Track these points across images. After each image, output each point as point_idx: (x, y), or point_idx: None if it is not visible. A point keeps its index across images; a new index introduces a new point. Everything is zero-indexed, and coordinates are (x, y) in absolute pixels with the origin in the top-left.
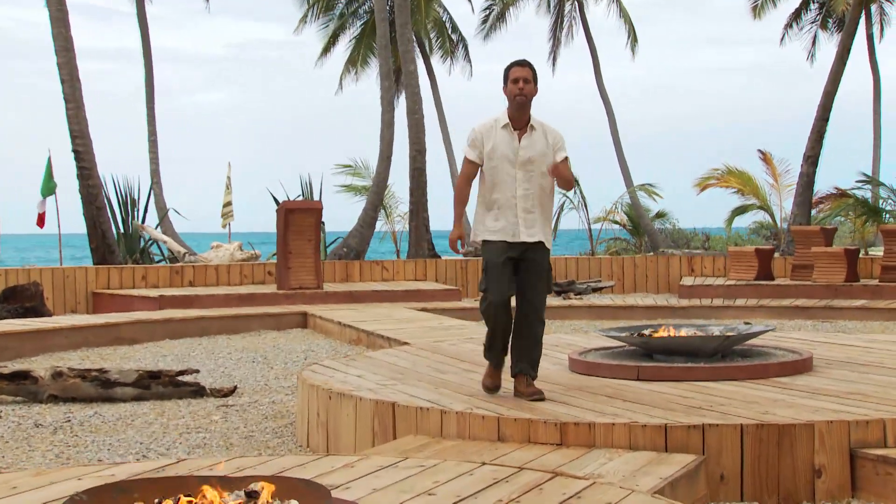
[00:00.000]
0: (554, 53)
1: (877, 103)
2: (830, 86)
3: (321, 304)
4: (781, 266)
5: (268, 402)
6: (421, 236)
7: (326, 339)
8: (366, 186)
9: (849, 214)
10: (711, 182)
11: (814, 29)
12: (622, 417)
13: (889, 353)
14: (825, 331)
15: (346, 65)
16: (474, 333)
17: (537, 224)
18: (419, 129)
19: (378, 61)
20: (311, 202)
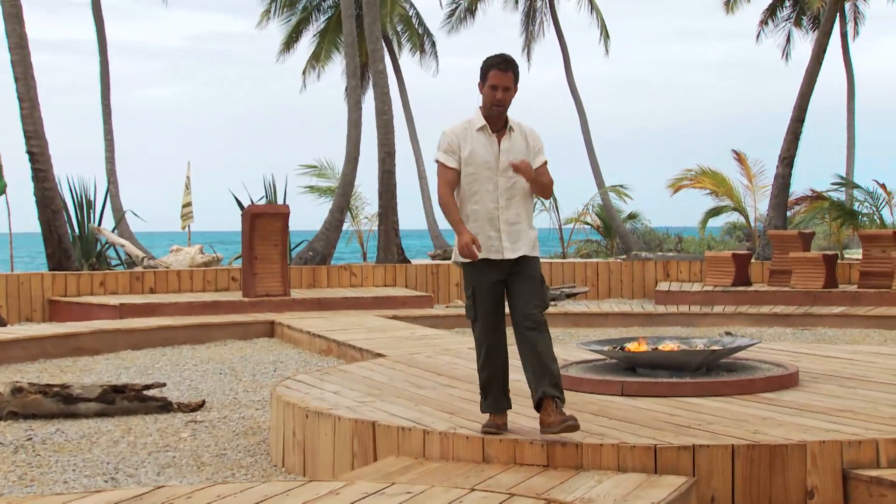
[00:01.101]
0: (528, 49)
1: (850, 102)
2: (806, 86)
3: (288, 312)
4: (759, 271)
5: (238, 417)
6: (390, 240)
7: (295, 349)
8: (331, 188)
9: (825, 217)
10: (685, 183)
11: (788, 26)
12: (609, 437)
13: (874, 366)
14: (806, 339)
15: (310, 60)
16: (449, 344)
17: (522, 237)
18: (388, 130)
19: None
20: (277, 206)
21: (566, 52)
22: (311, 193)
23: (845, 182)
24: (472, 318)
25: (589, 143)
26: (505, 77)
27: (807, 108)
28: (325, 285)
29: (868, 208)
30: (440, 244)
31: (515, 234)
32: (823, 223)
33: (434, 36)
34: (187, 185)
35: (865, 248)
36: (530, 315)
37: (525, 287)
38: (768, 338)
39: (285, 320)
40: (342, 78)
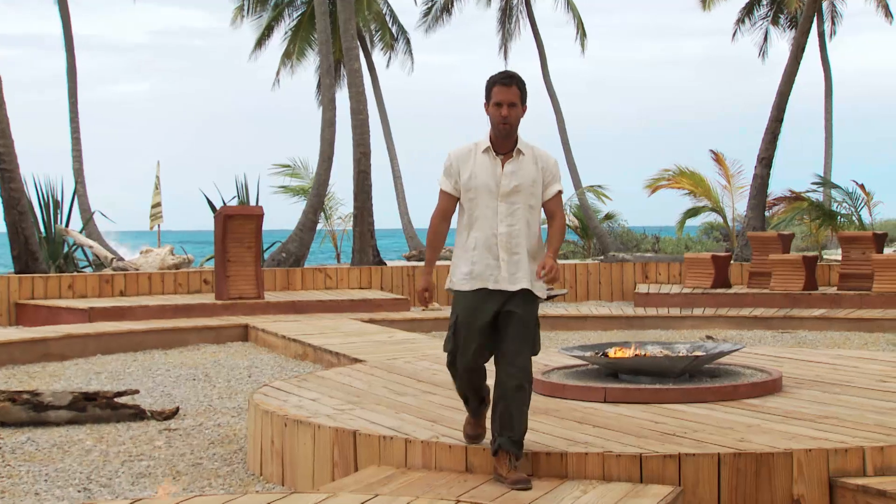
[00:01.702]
0: (504, 46)
1: (828, 101)
2: (784, 86)
3: (262, 316)
4: (738, 273)
5: (213, 424)
6: (366, 242)
7: (270, 354)
8: (304, 187)
9: (803, 218)
10: (662, 183)
11: (765, 25)
12: (594, 446)
13: (857, 371)
14: (786, 343)
15: (282, 58)
16: (428, 349)
17: (522, 268)
18: (364, 130)
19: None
20: (251, 208)
21: (542, 50)
22: (284, 193)
23: (824, 182)
24: (449, 351)
25: (565, 141)
26: (509, 92)
27: (785, 108)
28: (299, 288)
29: (847, 209)
30: (415, 244)
31: (515, 265)
32: (802, 224)
33: (409, 33)
34: (157, 184)
35: (845, 250)
36: (515, 369)
37: (517, 332)
38: (748, 341)
39: (259, 324)
40: (315, 76)
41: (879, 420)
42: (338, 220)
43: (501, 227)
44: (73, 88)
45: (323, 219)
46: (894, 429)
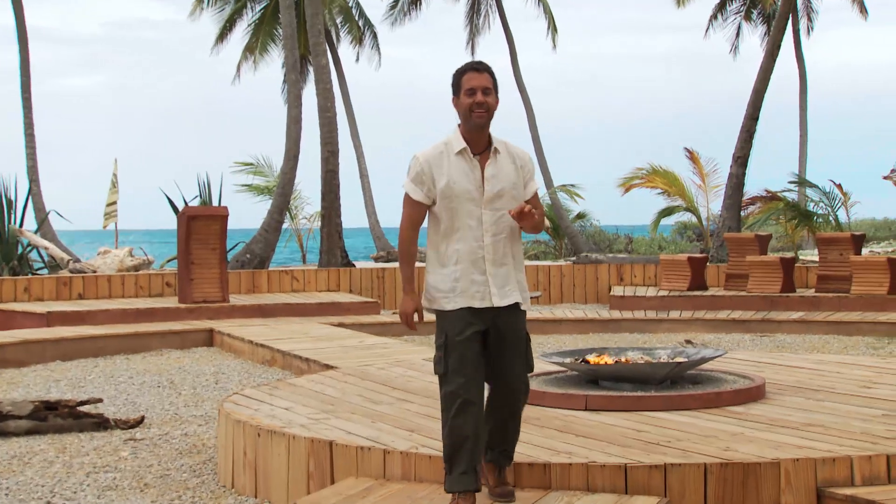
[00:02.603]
0: (472, 42)
1: (803, 99)
2: (760, 83)
3: (228, 320)
4: (714, 274)
5: (180, 434)
6: (334, 243)
7: (237, 360)
8: (268, 186)
9: (779, 218)
10: (636, 182)
11: (738, 20)
12: (577, 456)
13: (839, 377)
14: (765, 347)
15: (244, 52)
16: (400, 354)
17: (511, 280)
18: (332, 127)
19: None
20: (215, 208)
21: (512, 44)
22: (248, 192)
23: (801, 181)
24: (441, 374)
25: (536, 139)
26: (481, 77)
27: (761, 106)
28: (265, 290)
29: (823, 209)
30: (383, 245)
31: (503, 278)
32: (778, 224)
33: (375, 27)
34: (114, 182)
35: (823, 252)
36: (513, 387)
37: (510, 349)
38: (726, 344)
39: (225, 328)
40: (280, 71)
41: (865, 428)
42: (303, 219)
43: (487, 238)
44: (27, 83)
45: (288, 218)
46: (881, 437)
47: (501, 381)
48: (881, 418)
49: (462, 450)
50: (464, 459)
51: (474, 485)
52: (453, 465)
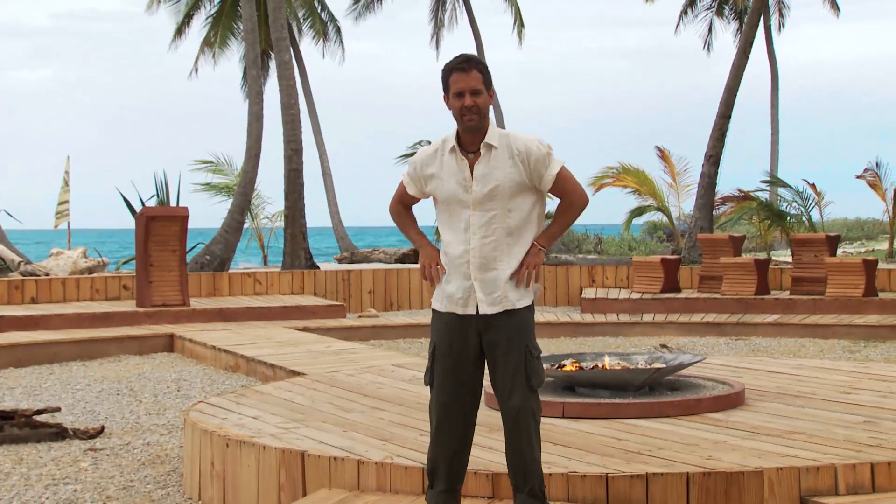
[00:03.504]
0: (437, 36)
1: (774, 96)
2: (732, 81)
3: (188, 324)
4: (687, 276)
5: (142, 443)
6: (298, 245)
7: (198, 366)
8: (228, 184)
9: (752, 218)
10: (606, 181)
11: (709, 16)
12: (556, 465)
13: (819, 382)
14: (741, 350)
15: (202, 45)
16: (369, 360)
17: (501, 285)
18: (295, 125)
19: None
20: (175, 208)
21: (479, 39)
22: (207, 191)
23: (775, 181)
24: (428, 384)
25: None
26: (469, 78)
27: (733, 104)
28: (226, 294)
29: (796, 209)
30: (346, 245)
31: (493, 283)
32: (750, 224)
33: (339, 21)
34: (66, 181)
35: (797, 253)
36: (509, 405)
37: (505, 362)
38: (701, 348)
39: (186, 333)
40: (240, 66)
41: (848, 435)
42: (264, 219)
43: (474, 241)
44: None
45: (248, 217)
46: (864, 444)
47: (500, 400)
48: (863, 425)
49: (437, 470)
50: (441, 479)
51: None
52: (433, 480)
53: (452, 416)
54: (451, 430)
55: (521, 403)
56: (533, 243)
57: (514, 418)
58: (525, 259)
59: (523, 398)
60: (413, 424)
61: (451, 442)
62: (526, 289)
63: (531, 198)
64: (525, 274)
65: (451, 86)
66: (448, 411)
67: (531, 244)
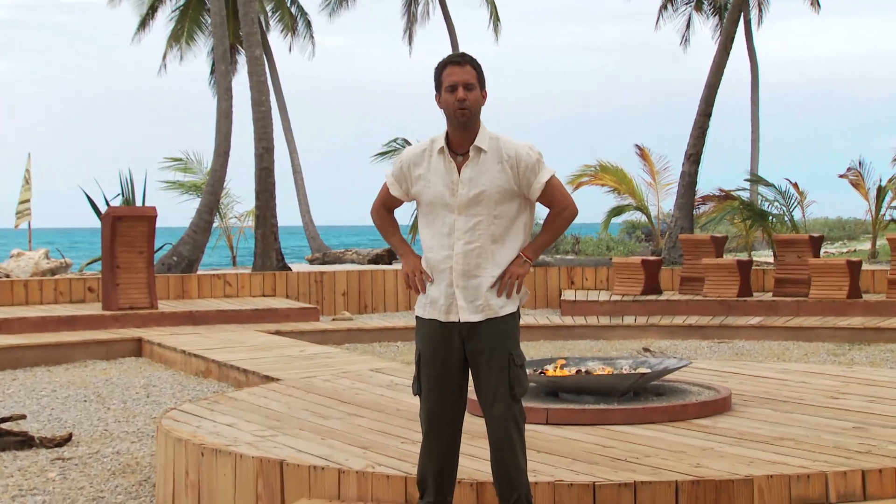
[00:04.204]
0: (409, 31)
1: (755, 94)
2: (713, 78)
3: (157, 328)
4: (668, 278)
5: (112, 452)
6: (269, 245)
7: (168, 371)
8: (196, 183)
9: (733, 218)
10: (584, 180)
11: (688, 11)
12: (542, 473)
13: (806, 387)
14: (724, 354)
15: (169, 40)
16: (345, 365)
17: (483, 293)
18: (266, 123)
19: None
20: (142, 208)
21: (454, 34)
22: (175, 189)
23: (757, 180)
24: (417, 393)
25: None
26: (462, 71)
27: (714, 102)
28: (195, 296)
29: (778, 209)
30: (317, 246)
31: (475, 290)
32: (732, 224)
33: (309, 15)
34: (27, 179)
35: (780, 254)
36: (492, 414)
37: (488, 370)
38: (684, 351)
39: (154, 337)
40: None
41: (838, 441)
42: (233, 219)
43: (458, 246)
44: None
45: (217, 217)
46: (854, 451)
47: (483, 409)
48: (852, 431)
49: (426, 480)
50: (431, 490)
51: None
52: (423, 491)
53: (440, 425)
54: (438, 440)
55: (505, 413)
56: (519, 254)
57: (498, 428)
58: (509, 269)
59: (506, 407)
60: (393, 432)
61: (438, 451)
62: (508, 298)
63: (518, 205)
64: (507, 284)
65: (444, 80)
66: (436, 420)
67: (517, 254)
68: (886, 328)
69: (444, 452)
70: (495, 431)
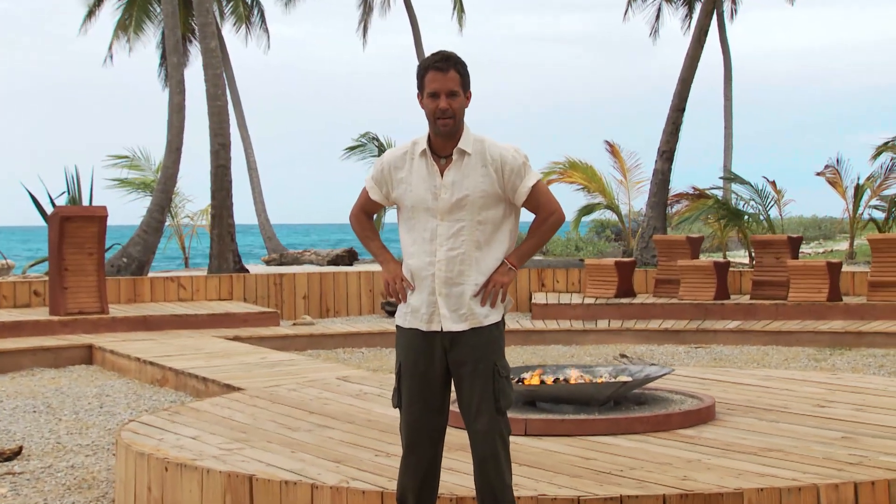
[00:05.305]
0: (364, 22)
1: (728, 88)
2: (686, 72)
3: (108, 333)
4: (642, 279)
5: (65, 466)
6: (225, 246)
7: (121, 379)
8: (145, 181)
9: (707, 218)
10: (553, 177)
11: (658, 1)
12: (525, 487)
13: (791, 395)
14: (702, 359)
15: (116, 30)
16: (310, 373)
17: (467, 301)
18: (223, 117)
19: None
20: (92, 208)
21: (415, 24)
22: (122, 188)
23: (733, 177)
24: (397, 406)
25: None
26: (446, 78)
27: (687, 97)
28: (148, 300)
29: (754, 207)
30: (274, 246)
31: (459, 299)
32: (706, 224)
33: (262, 5)
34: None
35: (758, 255)
36: (475, 429)
37: (471, 381)
38: (661, 357)
39: (106, 344)
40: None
41: (827, 452)
42: (185, 217)
43: (440, 253)
44: None
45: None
46: (845, 462)
47: (466, 422)
48: (841, 441)
49: (406, 496)
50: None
51: None
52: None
53: (422, 438)
54: (419, 454)
55: (490, 426)
56: (503, 261)
57: (482, 442)
58: (493, 276)
59: (491, 420)
60: (366, 444)
61: (419, 466)
62: (492, 307)
63: (503, 210)
64: (491, 293)
65: (426, 85)
66: (417, 434)
67: (502, 261)
68: (868, 332)
69: (425, 467)
70: (479, 446)
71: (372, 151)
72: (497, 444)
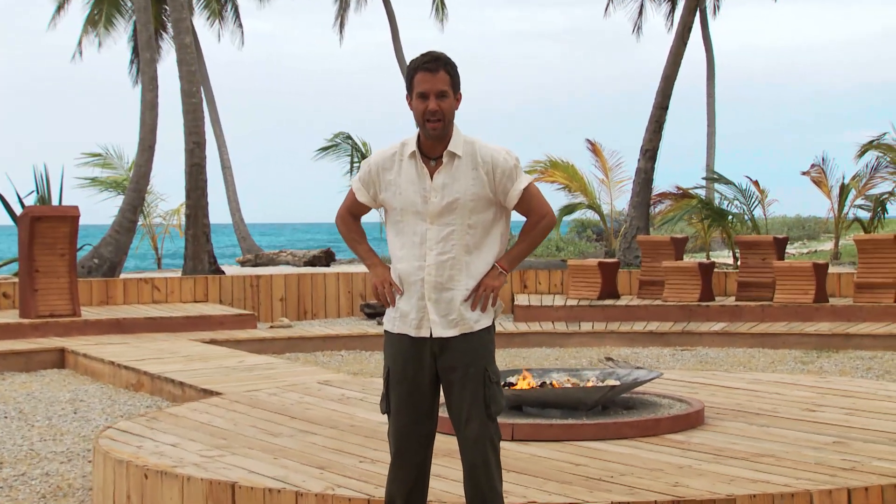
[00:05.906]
0: (341, 19)
1: (711, 86)
2: (670, 69)
3: (81, 337)
4: (626, 281)
5: (40, 474)
6: (200, 247)
7: (95, 384)
8: (116, 179)
9: (691, 218)
10: (535, 177)
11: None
12: (514, 494)
13: (780, 398)
14: (687, 362)
15: (86, 25)
16: (289, 376)
17: (457, 306)
18: (198, 115)
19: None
20: (63, 208)
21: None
22: (94, 187)
23: (717, 177)
24: (385, 412)
25: None
26: (435, 79)
27: (671, 95)
28: (121, 302)
29: (738, 207)
30: (248, 246)
31: (449, 304)
32: (689, 224)
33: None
34: None
35: (743, 256)
36: (465, 435)
37: (461, 388)
38: (645, 359)
39: (79, 347)
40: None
41: (819, 458)
42: (157, 217)
43: (430, 257)
44: None
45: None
46: (838, 468)
47: (456, 428)
48: (833, 446)
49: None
50: None
51: None
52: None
53: (411, 445)
54: (408, 461)
55: (480, 433)
56: (494, 265)
57: (472, 449)
58: (483, 281)
59: (482, 427)
60: (350, 450)
61: (408, 473)
62: (482, 311)
63: (494, 214)
64: (481, 297)
65: (415, 86)
66: (406, 441)
67: (492, 266)
68: (855, 334)
69: (414, 474)
70: (469, 452)
71: (346, 151)
72: (487, 450)
